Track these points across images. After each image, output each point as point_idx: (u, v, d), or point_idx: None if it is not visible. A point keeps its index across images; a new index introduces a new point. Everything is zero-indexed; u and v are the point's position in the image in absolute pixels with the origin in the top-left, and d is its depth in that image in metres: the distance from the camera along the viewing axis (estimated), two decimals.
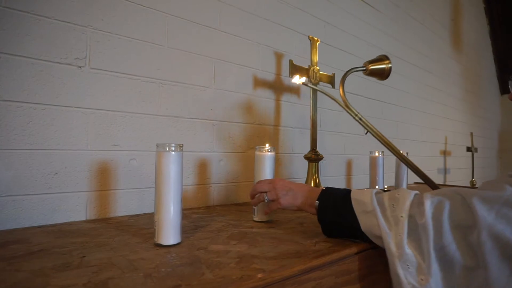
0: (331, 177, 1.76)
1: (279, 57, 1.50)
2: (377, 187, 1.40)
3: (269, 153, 0.98)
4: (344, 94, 1.25)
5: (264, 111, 1.44)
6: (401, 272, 0.63)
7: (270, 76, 1.47)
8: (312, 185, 1.34)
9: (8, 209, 0.83)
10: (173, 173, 0.71)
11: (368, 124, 1.21)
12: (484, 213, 0.61)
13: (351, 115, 1.21)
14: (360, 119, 1.20)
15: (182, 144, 0.73)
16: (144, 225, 0.90)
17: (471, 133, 3.23)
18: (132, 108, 1.05)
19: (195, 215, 1.06)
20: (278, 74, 1.50)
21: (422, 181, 1.23)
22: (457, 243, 0.63)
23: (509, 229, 0.60)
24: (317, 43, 1.40)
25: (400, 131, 2.37)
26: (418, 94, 2.61)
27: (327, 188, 0.84)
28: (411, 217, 0.68)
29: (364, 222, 0.72)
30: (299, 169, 1.55)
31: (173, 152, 0.71)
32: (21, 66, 0.85)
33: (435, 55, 2.89)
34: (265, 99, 1.44)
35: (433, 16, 2.88)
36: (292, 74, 1.28)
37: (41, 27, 0.88)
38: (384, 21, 2.22)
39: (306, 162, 1.38)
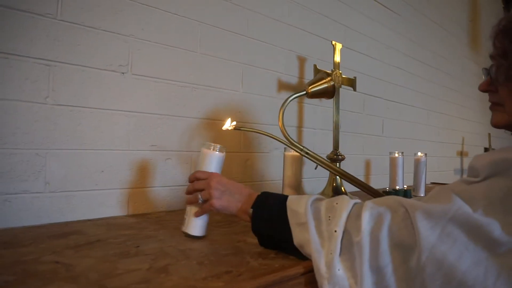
0: None
1: (302, 61, 1.56)
2: (397, 186, 1.45)
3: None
4: (284, 127, 1.12)
5: (287, 113, 1.50)
6: None
7: (294, 80, 1.53)
8: (333, 185, 1.39)
9: (62, 204, 0.92)
10: (214, 169, 0.78)
11: (316, 156, 1.12)
12: (427, 231, 0.53)
13: (296, 150, 1.10)
14: (307, 153, 1.10)
15: (226, 148, 0.80)
16: (182, 220, 0.97)
17: (489, 134, 3.22)
18: (168, 111, 1.12)
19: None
20: (301, 77, 1.56)
21: (439, 182, 1.27)
22: (394, 266, 0.55)
23: (453, 251, 0.51)
24: (340, 48, 1.45)
25: (416, 132, 2.40)
26: (435, 95, 2.63)
27: (263, 193, 0.75)
28: (346, 232, 0.60)
29: (297, 236, 0.64)
30: (321, 169, 1.61)
31: (217, 152, 0.78)
32: (73, 73, 0.93)
33: (452, 56, 2.90)
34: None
35: (450, 17, 2.89)
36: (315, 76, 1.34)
37: (90, 37, 0.96)
38: (402, 24, 2.25)
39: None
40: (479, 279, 0.49)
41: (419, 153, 1.66)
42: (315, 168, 1.17)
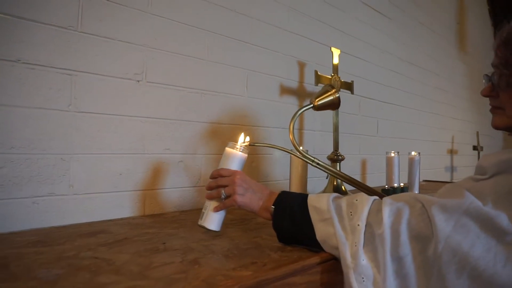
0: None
1: (301, 66, 1.63)
2: (395, 184, 1.53)
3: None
4: (294, 138, 1.13)
5: (289, 116, 1.57)
6: (355, 285, 0.61)
7: (294, 84, 1.60)
8: (334, 184, 1.47)
9: (84, 205, 0.97)
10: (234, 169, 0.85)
11: (326, 165, 1.14)
12: (443, 224, 0.59)
13: (308, 162, 1.12)
14: (318, 163, 1.11)
15: (248, 150, 0.86)
16: (196, 219, 1.02)
17: (477, 132, 3.35)
18: (179, 116, 1.18)
19: (237, 211, 1.19)
20: (301, 81, 1.63)
21: (431, 180, 1.34)
22: (414, 256, 0.61)
23: (467, 240, 0.57)
24: (338, 53, 1.53)
25: (409, 131, 2.50)
26: (426, 95, 2.73)
27: (283, 192, 0.80)
28: (368, 225, 0.66)
29: (321, 231, 0.70)
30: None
31: (240, 153, 0.84)
32: (93, 82, 0.99)
33: (442, 58, 3.01)
34: (290, 105, 1.57)
35: (439, 20, 3.00)
36: (317, 83, 1.42)
37: (108, 47, 1.01)
38: (394, 28, 2.34)
39: (326, 162, 1.51)
40: (489, 264, 0.55)
41: (413, 152, 1.74)
42: (327, 178, 1.22)
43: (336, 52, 1.53)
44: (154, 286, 0.53)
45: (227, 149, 0.86)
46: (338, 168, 1.49)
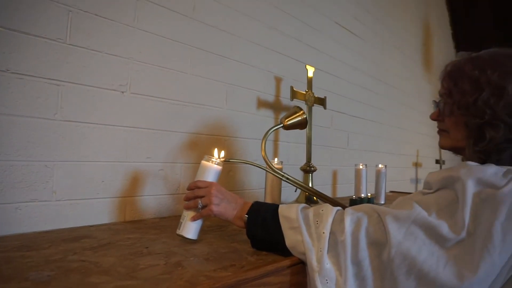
0: (320, 185, 1.98)
1: (278, 80, 1.72)
2: (362, 195, 1.63)
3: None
4: (266, 154, 1.20)
5: (265, 128, 1.65)
6: (320, 287, 0.67)
7: (271, 98, 1.69)
8: (306, 194, 1.55)
9: (67, 211, 1.00)
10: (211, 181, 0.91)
11: (295, 180, 1.17)
12: (395, 231, 0.67)
13: (278, 176, 1.16)
14: (288, 178, 1.15)
15: (222, 162, 0.92)
16: (176, 226, 1.07)
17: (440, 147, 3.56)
18: (161, 126, 1.23)
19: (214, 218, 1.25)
20: (278, 95, 1.72)
21: (397, 191, 1.46)
22: (371, 260, 0.68)
23: (415, 245, 0.66)
24: (313, 70, 1.63)
25: (377, 144, 2.64)
26: (393, 111, 2.90)
27: (256, 202, 0.87)
28: (332, 233, 0.73)
29: (290, 239, 0.77)
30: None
31: (215, 165, 0.90)
32: (79, 92, 1.02)
33: (409, 76, 3.21)
34: (266, 118, 1.65)
35: (407, 42, 3.20)
36: (292, 98, 1.51)
37: (95, 59, 1.06)
38: (365, 47, 2.49)
39: (299, 172, 1.60)
40: (433, 267, 0.64)
41: (380, 165, 1.86)
42: (295, 191, 1.30)
43: (310, 69, 1.63)
44: (142, 285, 0.58)
45: (203, 162, 0.91)
46: (310, 179, 1.58)
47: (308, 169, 1.57)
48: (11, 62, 0.90)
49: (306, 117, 1.32)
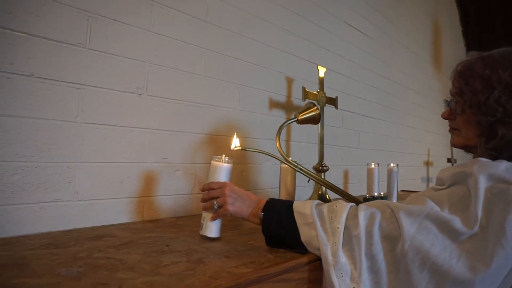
0: None
1: (289, 81, 1.74)
2: (375, 194, 1.64)
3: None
4: (280, 146, 1.27)
5: (277, 128, 1.67)
6: (335, 280, 0.69)
7: (282, 98, 1.71)
8: (319, 193, 1.57)
9: (88, 211, 1.03)
10: (223, 180, 0.92)
11: (308, 171, 1.24)
12: (408, 226, 0.69)
13: (291, 167, 1.22)
14: (301, 169, 1.21)
15: (232, 159, 0.94)
16: (193, 225, 1.10)
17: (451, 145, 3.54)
18: (176, 127, 1.26)
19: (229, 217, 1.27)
20: (289, 96, 1.74)
21: (408, 190, 1.46)
22: (384, 253, 0.70)
23: (428, 240, 0.67)
24: (324, 71, 1.65)
25: (388, 143, 2.64)
26: (403, 110, 2.89)
27: (271, 199, 0.89)
28: (347, 228, 0.75)
29: (305, 234, 0.78)
30: (306, 178, 1.78)
31: (225, 164, 0.92)
32: (99, 95, 1.05)
33: (418, 75, 3.20)
34: (278, 118, 1.67)
35: (416, 40, 3.20)
36: (304, 98, 1.52)
37: (113, 63, 1.09)
38: (374, 46, 2.49)
39: (312, 172, 1.61)
40: (446, 260, 0.66)
41: (392, 164, 1.87)
42: (308, 182, 1.33)
43: (322, 69, 1.64)
44: (168, 281, 0.61)
45: (213, 162, 0.93)
46: (323, 178, 1.59)
47: (320, 169, 1.58)
48: (34, 67, 0.93)
49: (320, 112, 1.35)
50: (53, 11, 0.96)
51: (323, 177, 1.59)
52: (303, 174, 1.21)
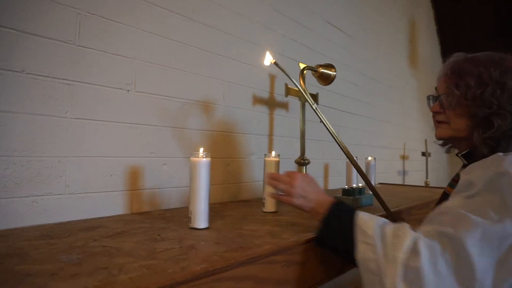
0: None
1: (272, 78, 1.80)
2: (354, 185, 1.72)
3: (275, 159, 1.24)
4: (304, 84, 1.50)
5: (262, 124, 1.73)
6: None
7: (265, 94, 1.76)
8: None
9: (79, 203, 1.06)
10: (204, 174, 0.97)
11: (323, 118, 1.36)
12: (477, 258, 0.67)
13: (309, 103, 1.36)
14: (316, 108, 1.33)
15: (209, 153, 0.99)
16: (181, 216, 1.14)
17: (425, 140, 3.70)
18: (164, 122, 1.30)
19: (216, 208, 1.32)
20: (272, 92, 1.79)
21: (385, 182, 1.55)
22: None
23: (486, 263, 0.67)
24: (305, 67, 1.71)
25: (367, 138, 2.74)
26: (381, 106, 3.01)
27: (336, 204, 0.89)
28: (408, 258, 0.71)
29: (361, 252, 0.77)
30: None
31: (204, 159, 0.97)
32: (89, 91, 1.08)
33: (396, 72, 3.32)
34: (261, 114, 1.73)
35: (394, 39, 3.31)
36: (287, 94, 1.58)
37: (102, 60, 1.11)
38: (355, 45, 2.58)
39: (293, 165, 1.68)
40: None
41: (369, 157, 1.96)
42: (320, 122, 1.39)
43: (303, 66, 1.71)
44: (165, 264, 0.66)
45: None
46: (304, 171, 1.66)
47: (302, 162, 1.65)
48: (26, 64, 0.95)
49: (335, 75, 1.52)
50: (43, 8, 0.98)
51: (305, 170, 1.66)
52: (317, 115, 1.34)
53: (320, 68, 1.58)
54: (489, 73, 0.87)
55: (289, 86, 1.61)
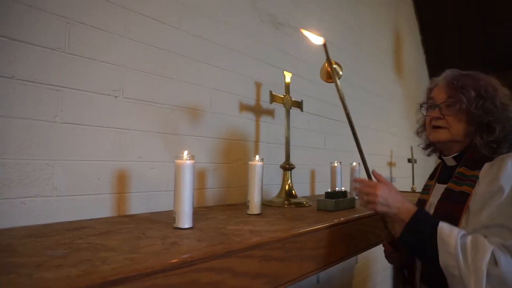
0: (299, 183, 2.12)
1: (258, 86, 1.85)
2: (336, 188, 1.77)
3: (259, 163, 1.29)
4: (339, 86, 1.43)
5: (248, 130, 1.77)
6: None
7: (252, 102, 1.82)
8: (286, 188, 1.68)
9: (66, 206, 1.09)
10: (188, 176, 1.00)
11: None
12: None
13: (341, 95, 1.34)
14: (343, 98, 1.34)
15: (194, 155, 1.03)
16: (167, 218, 1.18)
17: (411, 147, 3.78)
18: (152, 128, 1.34)
19: (201, 211, 1.36)
20: (258, 100, 1.85)
21: None
22: None
23: None
24: (290, 76, 1.77)
25: (353, 145, 2.80)
26: (368, 114, 3.08)
27: (418, 214, 0.98)
28: (489, 269, 0.82)
29: (444, 259, 0.88)
30: (274, 177, 1.90)
31: (188, 161, 1.01)
32: (77, 97, 1.12)
33: (382, 81, 3.41)
34: (247, 120, 1.78)
35: (379, 47, 3.41)
36: (271, 101, 1.64)
37: (91, 67, 1.16)
38: (342, 55, 2.66)
39: (279, 170, 1.73)
40: None
41: (354, 163, 2.02)
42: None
43: (288, 75, 1.77)
44: (146, 257, 0.69)
45: (176, 161, 1.00)
46: (290, 176, 1.71)
47: (287, 167, 1.70)
48: (16, 70, 0.99)
49: (341, 75, 1.51)
50: (34, 17, 1.02)
51: (290, 174, 1.70)
52: (344, 106, 1.33)
53: (334, 62, 1.52)
54: (485, 88, 1.07)
55: (274, 93, 1.66)
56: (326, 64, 1.28)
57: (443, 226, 0.92)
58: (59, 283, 0.53)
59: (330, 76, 1.51)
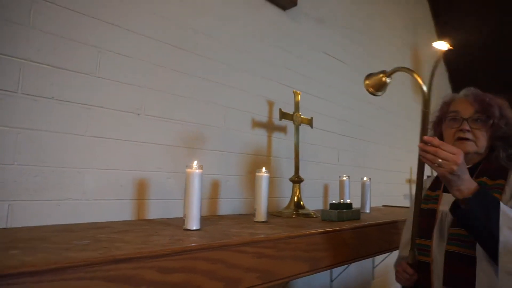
0: (310, 197, 2.20)
1: (270, 104, 1.99)
2: (341, 200, 1.84)
3: (265, 174, 1.41)
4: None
5: (261, 145, 1.90)
6: None
7: (264, 119, 1.95)
8: (295, 200, 1.77)
9: (93, 209, 1.25)
10: (196, 182, 1.14)
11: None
12: None
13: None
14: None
15: (202, 165, 1.16)
16: (180, 223, 1.30)
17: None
18: (170, 141, 1.49)
19: (212, 219, 1.48)
20: (270, 117, 1.98)
21: (390, 205, 1.65)
22: None
23: None
24: (299, 95, 1.90)
25: (367, 161, 2.86)
26: (383, 130, 3.13)
27: (482, 189, 0.99)
28: None
29: (505, 235, 0.91)
30: (285, 189, 2.00)
31: (197, 170, 1.14)
32: (104, 114, 1.30)
33: (399, 99, 3.46)
34: (260, 136, 1.91)
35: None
36: (281, 118, 1.77)
37: (116, 88, 1.34)
38: (353, 73, 2.76)
39: (290, 184, 1.83)
40: None
41: (365, 178, 2.09)
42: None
43: (297, 94, 1.89)
44: (153, 247, 0.82)
45: (187, 170, 1.13)
46: (299, 188, 1.80)
47: (296, 180, 1.80)
48: (55, 92, 1.18)
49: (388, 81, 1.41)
50: (71, 47, 1.22)
51: (298, 187, 1.80)
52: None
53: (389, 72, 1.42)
54: (505, 107, 1.20)
55: (283, 111, 1.79)
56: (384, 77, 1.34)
57: (505, 206, 0.95)
58: (80, 258, 0.67)
59: (380, 88, 1.47)
